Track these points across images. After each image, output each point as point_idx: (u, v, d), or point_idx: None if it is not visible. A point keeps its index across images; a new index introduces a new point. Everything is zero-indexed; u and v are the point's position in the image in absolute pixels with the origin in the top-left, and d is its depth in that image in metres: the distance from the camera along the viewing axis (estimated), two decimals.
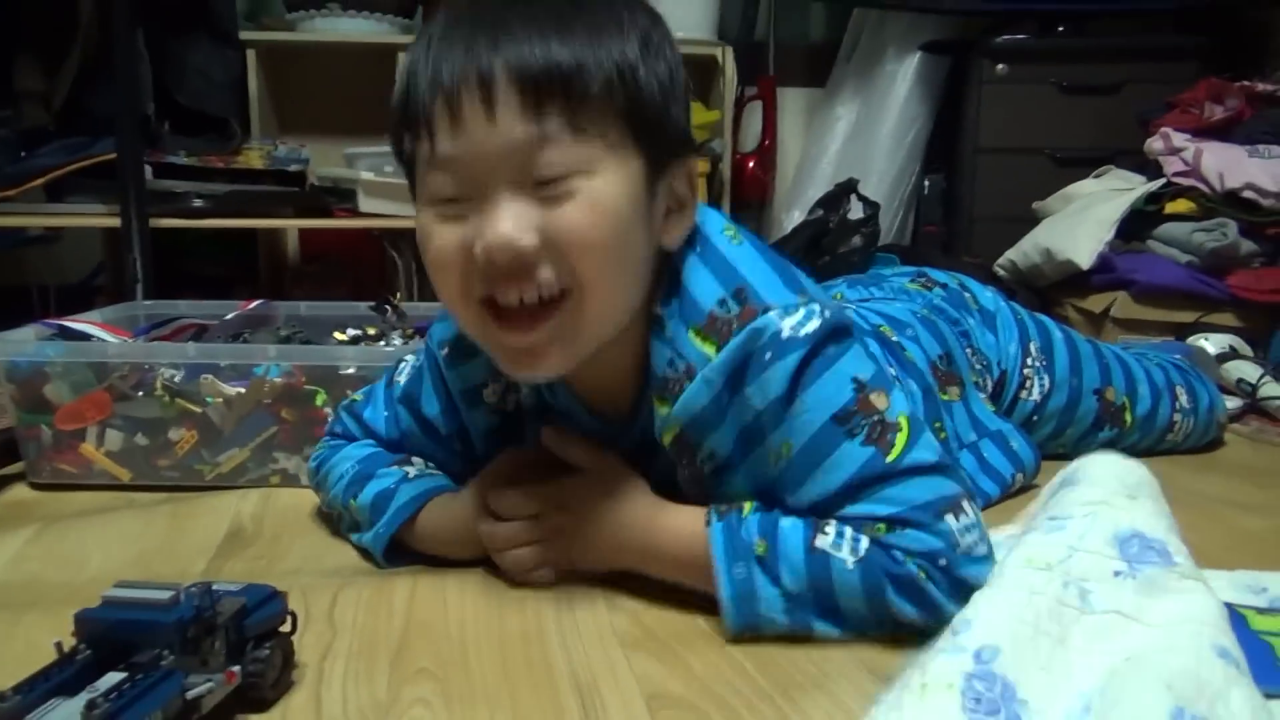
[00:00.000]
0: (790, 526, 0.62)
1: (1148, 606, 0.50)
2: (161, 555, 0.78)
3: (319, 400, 0.96)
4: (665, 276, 0.66)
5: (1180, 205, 1.67)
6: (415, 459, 0.79)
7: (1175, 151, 1.68)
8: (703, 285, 0.64)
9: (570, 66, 0.57)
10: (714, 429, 0.65)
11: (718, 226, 0.68)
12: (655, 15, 0.63)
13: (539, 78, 0.56)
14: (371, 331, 1.16)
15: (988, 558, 0.60)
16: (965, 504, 0.61)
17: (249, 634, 0.53)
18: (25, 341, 0.98)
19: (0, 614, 0.66)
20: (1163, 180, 1.69)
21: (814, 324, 0.62)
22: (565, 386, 0.72)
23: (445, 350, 0.75)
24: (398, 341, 1.13)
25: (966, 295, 1.02)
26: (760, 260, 0.66)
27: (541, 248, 0.58)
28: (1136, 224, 1.70)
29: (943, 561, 0.59)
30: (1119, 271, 1.61)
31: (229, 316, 1.16)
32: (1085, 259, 1.64)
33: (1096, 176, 1.89)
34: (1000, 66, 2.12)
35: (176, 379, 0.95)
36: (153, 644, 0.49)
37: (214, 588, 0.53)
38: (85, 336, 1.02)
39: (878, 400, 0.62)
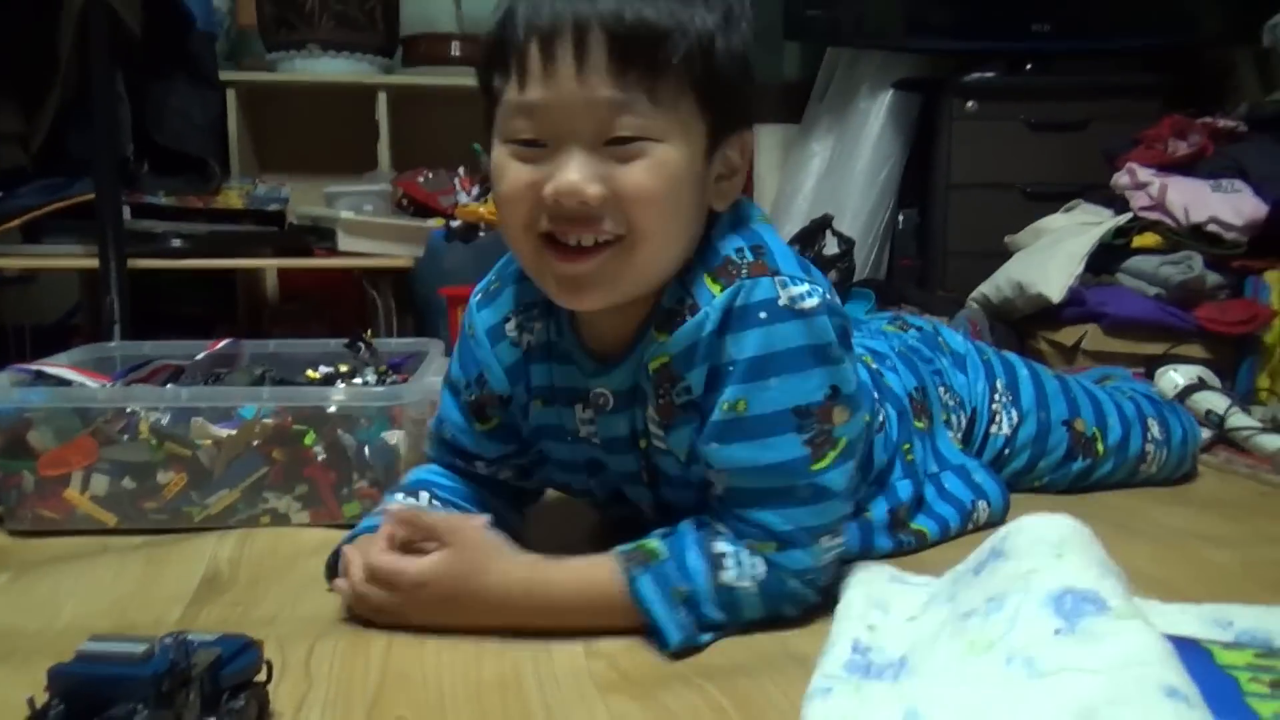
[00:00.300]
0: (694, 563, 0.67)
1: (1090, 654, 0.51)
2: (136, 602, 0.78)
3: (308, 440, 0.96)
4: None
5: (1147, 239, 1.70)
6: (423, 491, 0.81)
7: (1141, 186, 1.72)
8: (726, 237, 0.70)
9: (659, 30, 0.61)
10: (697, 364, 0.69)
11: (754, 208, 0.75)
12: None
13: (630, 37, 0.60)
14: (344, 369, 1.16)
15: (838, 564, 0.73)
16: (840, 528, 0.71)
17: (224, 685, 0.53)
18: (3, 388, 0.97)
19: None
20: (1129, 214, 1.73)
21: (813, 301, 0.67)
22: (572, 324, 0.75)
23: (479, 296, 0.80)
24: (371, 378, 1.13)
25: (940, 339, 1.06)
26: (783, 243, 0.72)
27: (605, 199, 0.63)
28: (1105, 257, 1.73)
29: (812, 577, 0.70)
30: (1089, 304, 1.64)
31: (199, 356, 1.16)
32: (1056, 292, 1.67)
33: (1066, 210, 1.92)
34: (970, 104, 2.16)
35: (163, 422, 0.95)
36: (127, 698, 0.49)
37: (189, 639, 0.53)
38: (62, 381, 1.02)
39: (839, 415, 0.69)
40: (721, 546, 0.69)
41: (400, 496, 0.80)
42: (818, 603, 0.71)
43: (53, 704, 0.50)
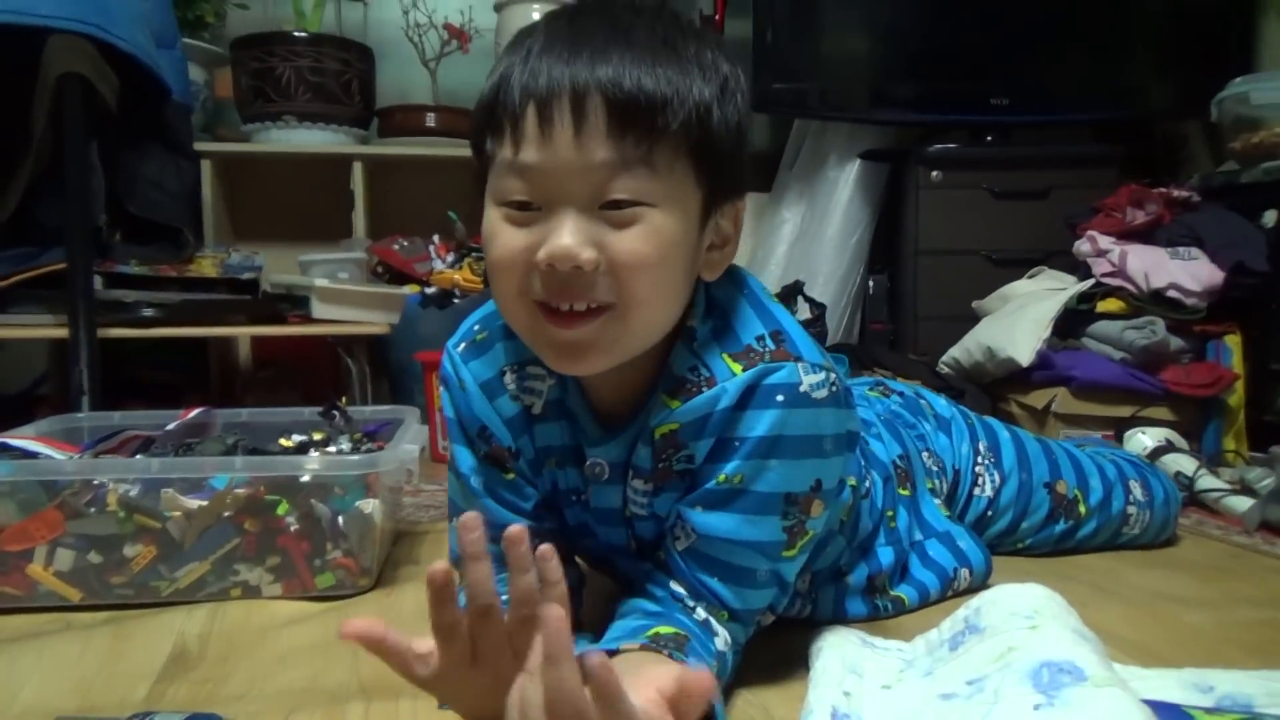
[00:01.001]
0: (703, 639, 0.67)
1: None
2: (101, 681, 0.75)
3: (281, 510, 0.94)
4: (703, 301, 0.71)
5: (1111, 304, 1.75)
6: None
7: (1102, 253, 1.77)
8: (746, 323, 0.70)
9: (658, 98, 0.61)
10: (705, 436, 0.68)
11: (759, 285, 0.74)
12: (734, 64, 0.67)
13: (628, 103, 0.60)
14: (319, 436, 1.15)
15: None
16: (778, 608, 0.76)
17: None
18: None
19: None
20: (1092, 280, 1.77)
21: (823, 393, 0.67)
22: (579, 387, 0.74)
23: (461, 347, 0.78)
24: (346, 446, 1.12)
25: (922, 402, 1.08)
26: (796, 323, 0.72)
27: (599, 265, 0.62)
28: (1071, 322, 1.77)
29: (744, 642, 0.73)
30: (1058, 368, 1.67)
31: (170, 426, 1.15)
32: (1025, 356, 1.70)
33: (1030, 276, 1.97)
34: (935, 173, 2.22)
35: (132, 494, 0.93)
36: None
37: (155, 719, 0.52)
38: (27, 453, 1.00)
39: (815, 508, 0.70)
40: (701, 613, 0.69)
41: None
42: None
43: None
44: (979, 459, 1.04)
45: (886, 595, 0.88)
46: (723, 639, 0.68)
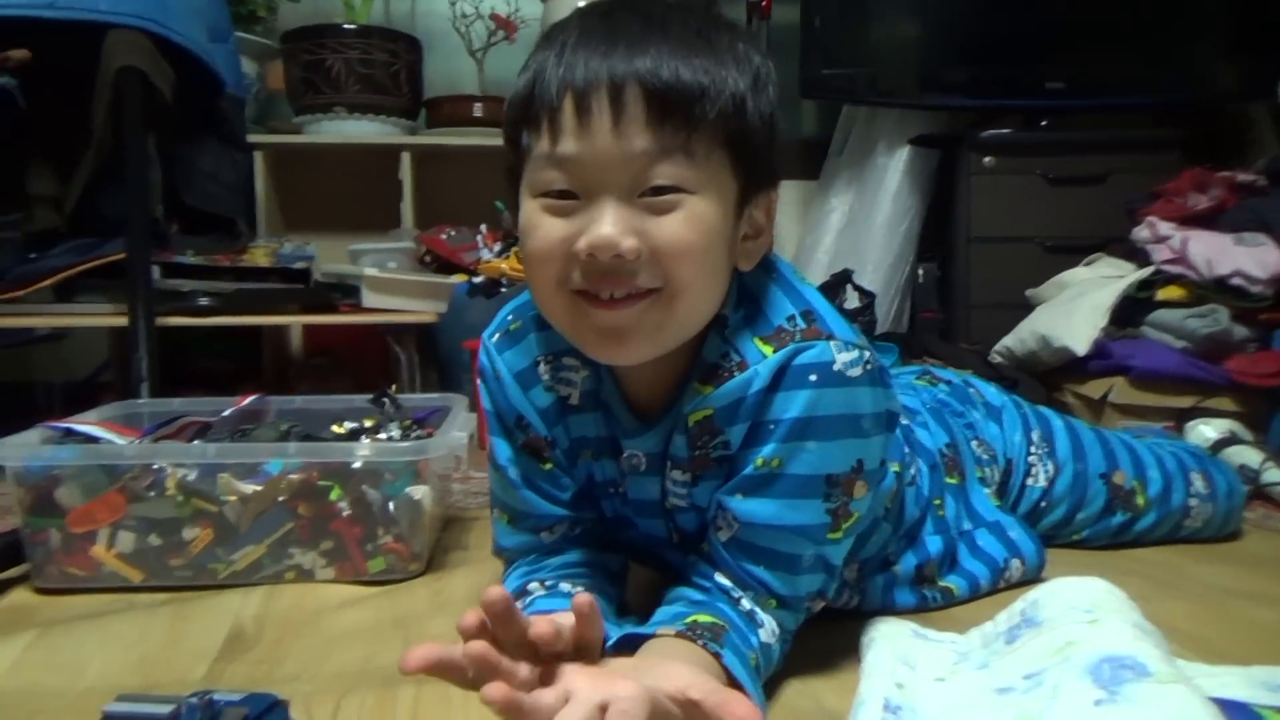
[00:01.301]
0: (746, 629, 0.66)
1: None
2: (161, 660, 0.77)
3: (334, 495, 0.96)
4: (734, 290, 0.70)
5: (1171, 292, 1.70)
6: (532, 583, 0.75)
7: (1162, 240, 1.72)
8: (777, 305, 0.70)
9: (696, 88, 0.61)
10: (740, 420, 0.68)
11: (789, 268, 0.74)
12: (765, 56, 0.68)
13: (666, 94, 0.61)
14: (370, 423, 1.16)
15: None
16: (829, 594, 0.73)
17: None
18: (33, 445, 0.98)
19: None
20: (1152, 268, 1.73)
21: (857, 370, 0.67)
22: (614, 378, 0.74)
23: (496, 338, 0.78)
24: (395, 433, 1.13)
25: (971, 390, 1.05)
26: (827, 302, 0.71)
27: (640, 253, 0.62)
28: (1130, 310, 1.72)
29: (794, 630, 0.71)
30: (1116, 357, 1.63)
31: (226, 412, 1.17)
32: (1082, 345, 1.66)
33: (1088, 264, 1.92)
34: (988, 159, 2.18)
35: (190, 478, 0.95)
36: None
37: (215, 699, 0.53)
38: (90, 438, 1.03)
39: (858, 489, 0.69)
40: (746, 604, 0.68)
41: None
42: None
43: None
44: (1032, 448, 1.02)
45: (935, 586, 0.86)
46: (768, 630, 0.68)
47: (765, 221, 0.70)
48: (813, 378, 0.66)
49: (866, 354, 0.68)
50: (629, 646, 0.63)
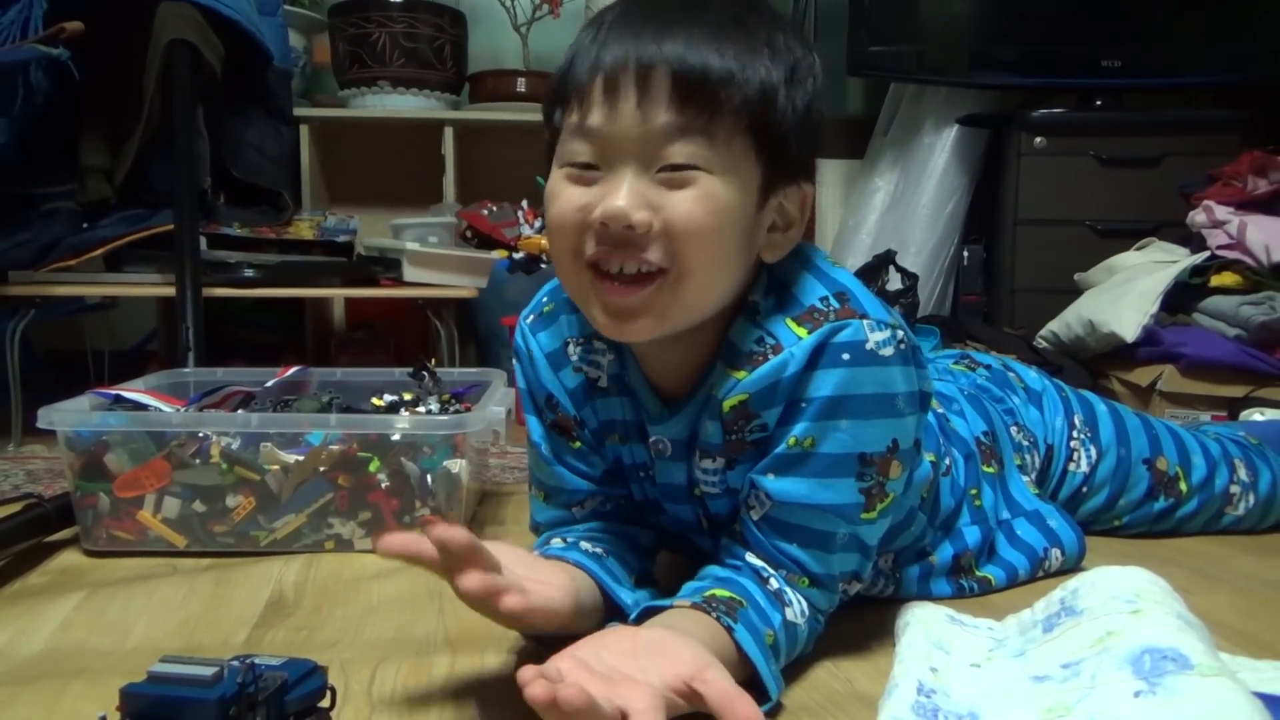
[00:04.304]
0: (767, 606, 0.66)
1: (1175, 715, 0.50)
2: (204, 624, 0.79)
3: (373, 467, 0.97)
4: (764, 279, 0.70)
5: (1225, 278, 1.65)
6: (555, 540, 0.77)
7: (1219, 224, 1.67)
8: (807, 287, 0.69)
9: (722, 74, 0.62)
10: (776, 403, 0.68)
11: (821, 254, 0.73)
12: (809, 47, 0.67)
13: (690, 78, 0.62)
14: (408, 397, 1.18)
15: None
16: (864, 575, 0.72)
17: (288, 710, 0.53)
18: (83, 412, 1.00)
19: (49, 682, 0.67)
20: (1207, 253, 1.68)
21: (890, 350, 0.66)
22: (637, 362, 0.74)
23: (531, 319, 0.80)
24: (434, 407, 1.14)
25: (1011, 375, 1.04)
26: (860, 283, 0.70)
27: (652, 226, 0.63)
28: (1181, 297, 1.68)
29: (831, 611, 0.71)
30: (1166, 344, 1.59)
31: (269, 383, 1.19)
32: (1130, 332, 1.62)
33: (1139, 248, 1.88)
34: (1038, 140, 2.13)
35: (234, 447, 0.96)
36: None
37: (256, 663, 0.54)
38: (139, 405, 1.05)
39: (893, 469, 0.68)
40: (775, 583, 0.68)
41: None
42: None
43: None
44: (1074, 433, 1.00)
45: (973, 576, 0.85)
46: (796, 610, 0.67)
47: (798, 214, 0.69)
48: (846, 356, 0.65)
49: (900, 333, 0.67)
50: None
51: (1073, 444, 1.00)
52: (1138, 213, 2.04)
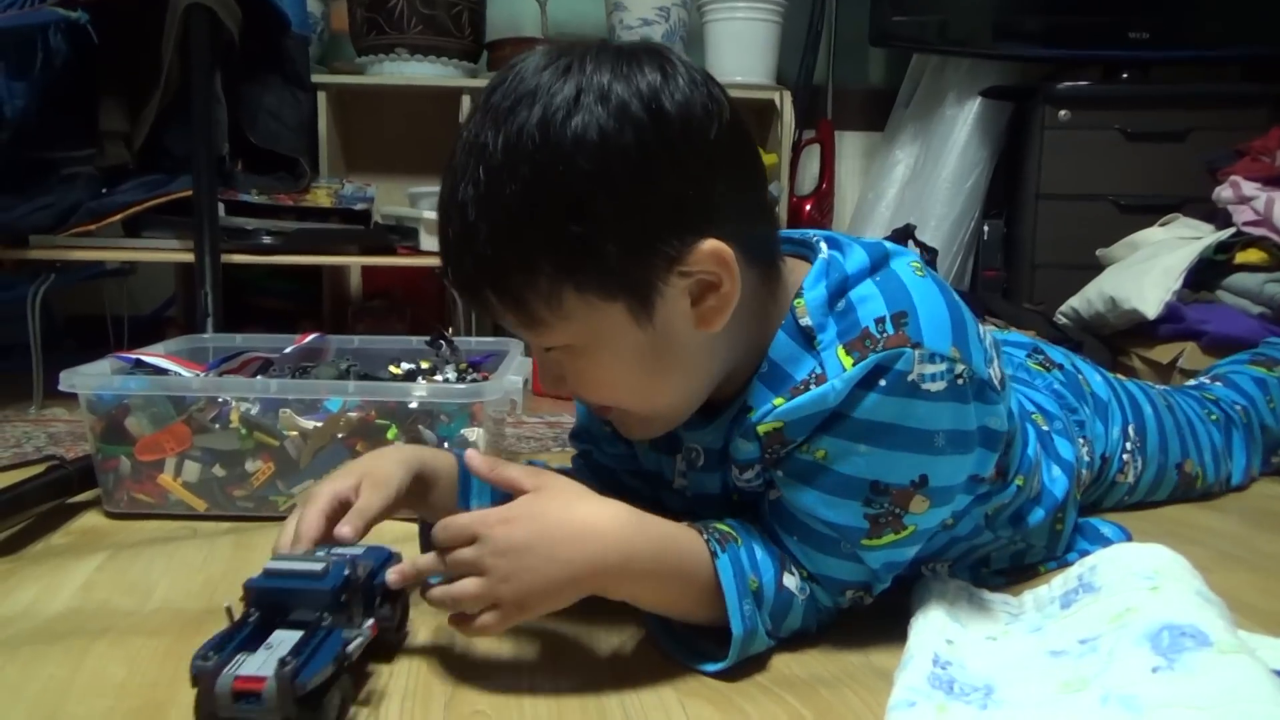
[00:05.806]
0: (763, 558, 0.65)
1: (1193, 691, 0.50)
2: (224, 586, 0.80)
3: (390, 434, 0.98)
4: (826, 288, 0.65)
5: (1251, 255, 1.63)
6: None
7: (1245, 200, 1.65)
8: (870, 303, 0.63)
9: (492, 275, 0.60)
10: (810, 427, 0.64)
11: (905, 260, 0.67)
12: (634, 120, 0.57)
13: (478, 296, 0.62)
14: (425, 365, 1.18)
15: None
16: (874, 591, 0.69)
17: (377, 593, 0.63)
18: (105, 375, 1.01)
19: (74, 640, 0.68)
20: (1232, 229, 1.66)
21: (939, 385, 0.62)
22: None
23: None
24: (451, 375, 1.14)
25: (1080, 379, 1.00)
26: (938, 298, 0.64)
27: (573, 388, 0.66)
28: (1205, 274, 1.66)
29: (831, 610, 0.69)
30: (1188, 322, 1.58)
31: (287, 350, 1.19)
32: (1152, 308, 1.61)
33: (1163, 224, 1.86)
34: (1063, 113, 2.10)
35: (253, 412, 0.97)
36: (310, 606, 0.57)
37: (350, 555, 0.61)
38: (159, 369, 1.06)
39: (918, 503, 0.65)
40: (783, 551, 0.68)
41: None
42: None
43: (250, 613, 0.58)
44: (1127, 443, 0.99)
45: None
46: (795, 580, 0.66)
47: (714, 267, 0.60)
48: (882, 383, 0.61)
49: (959, 367, 0.62)
50: None
51: (1125, 455, 0.99)
52: (1162, 188, 2.02)
